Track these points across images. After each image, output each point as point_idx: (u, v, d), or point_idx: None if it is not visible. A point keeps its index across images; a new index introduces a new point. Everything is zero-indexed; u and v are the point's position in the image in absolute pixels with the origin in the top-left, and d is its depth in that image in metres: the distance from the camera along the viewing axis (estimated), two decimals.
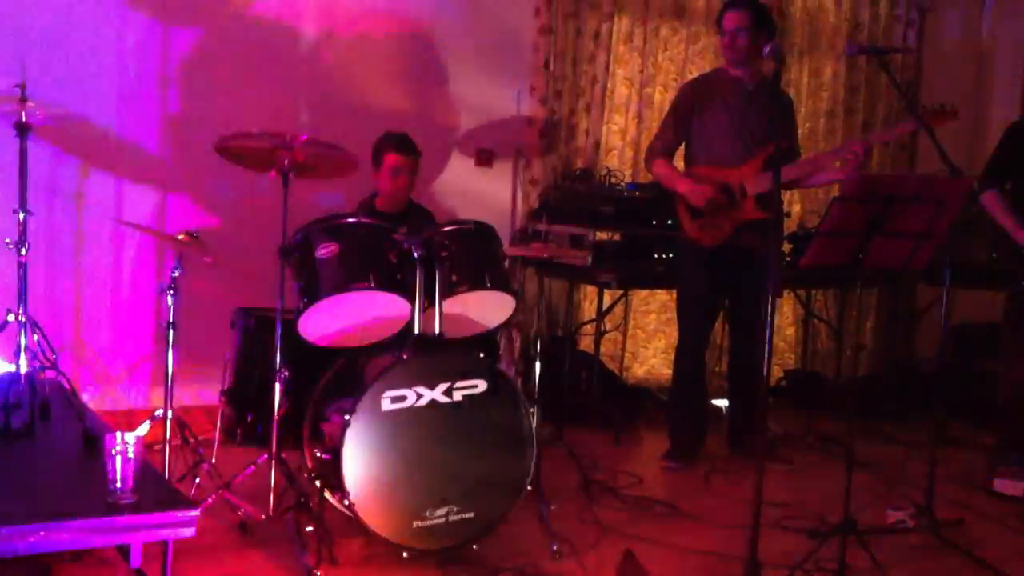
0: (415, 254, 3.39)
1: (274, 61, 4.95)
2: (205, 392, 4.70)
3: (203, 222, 4.78)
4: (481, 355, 3.53)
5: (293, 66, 5.01)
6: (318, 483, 3.33)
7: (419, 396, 3.25)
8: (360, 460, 3.18)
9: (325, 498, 3.34)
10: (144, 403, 4.74)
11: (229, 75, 4.84)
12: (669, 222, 5.24)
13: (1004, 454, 4.70)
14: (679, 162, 4.79)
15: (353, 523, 3.26)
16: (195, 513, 2.57)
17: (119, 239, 4.69)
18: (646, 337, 6.20)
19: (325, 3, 5.05)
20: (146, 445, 2.67)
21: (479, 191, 5.55)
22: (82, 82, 4.50)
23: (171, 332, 3.56)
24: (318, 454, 3.41)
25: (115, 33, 4.59)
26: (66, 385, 3.59)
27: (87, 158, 4.58)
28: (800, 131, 5.77)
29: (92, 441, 3.12)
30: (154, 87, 4.70)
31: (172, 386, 3.59)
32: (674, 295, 5.16)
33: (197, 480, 3.64)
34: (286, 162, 3.52)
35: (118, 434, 2.53)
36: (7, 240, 3.56)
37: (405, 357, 3.30)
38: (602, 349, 5.52)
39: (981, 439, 5.22)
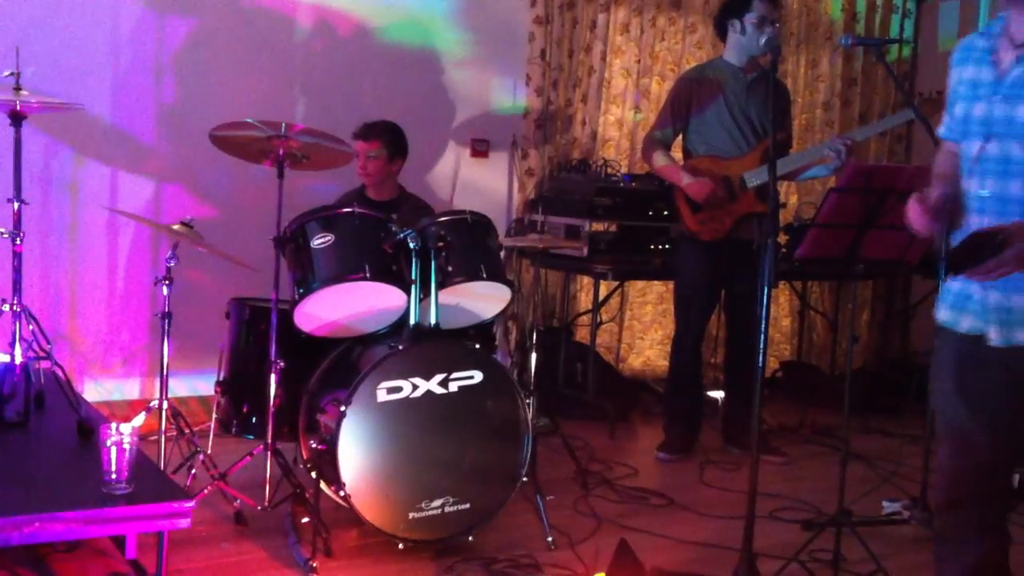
0: (411, 244, 3.38)
1: (269, 51, 4.94)
2: (200, 383, 4.70)
3: (198, 212, 4.77)
4: (477, 346, 3.53)
5: (289, 56, 5.00)
6: (313, 474, 3.33)
7: (415, 387, 3.25)
8: (356, 451, 3.18)
9: (321, 489, 3.34)
10: (139, 393, 4.74)
11: (225, 65, 4.83)
12: (665, 213, 5.25)
13: None
14: (676, 152, 4.79)
15: (349, 514, 3.27)
16: (190, 504, 2.56)
17: (114, 229, 4.68)
18: (642, 328, 6.20)
19: None
20: (141, 436, 2.66)
21: (475, 182, 5.54)
22: (76, 71, 4.48)
23: (166, 322, 3.56)
24: (314, 445, 3.40)
25: (109, 21, 4.57)
26: (61, 375, 3.58)
27: (82, 147, 4.57)
28: (796, 122, 5.77)
29: (87, 432, 3.11)
30: (149, 76, 4.69)
31: (167, 377, 3.59)
32: (670, 286, 5.16)
33: (192, 471, 3.63)
34: (281, 152, 3.52)
35: (113, 425, 2.53)
36: (1, 230, 3.54)
37: (401, 348, 3.30)
38: (598, 340, 5.52)
39: None
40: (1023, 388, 2.25)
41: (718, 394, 5.17)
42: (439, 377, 3.28)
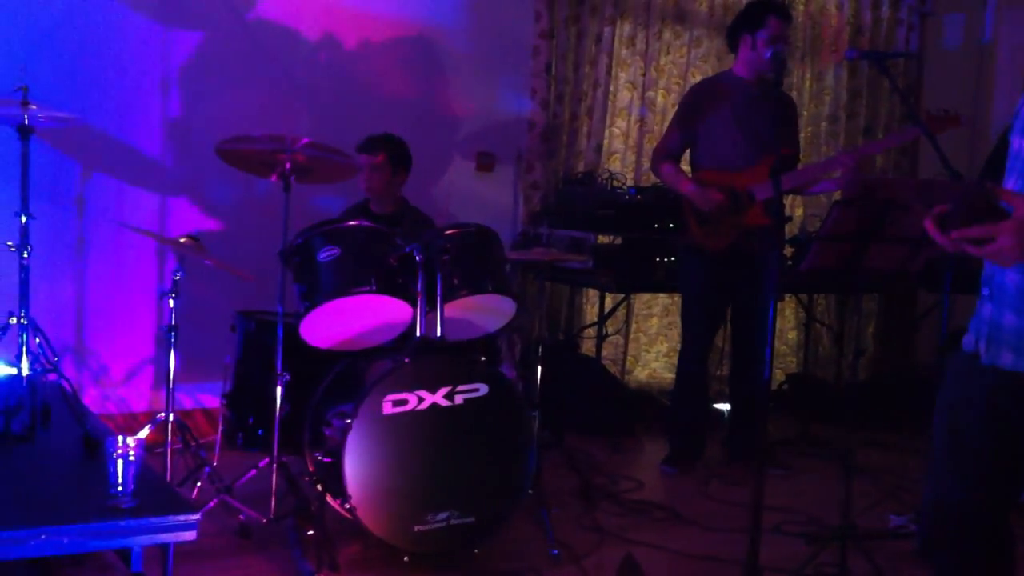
0: (417, 258, 3.39)
1: (275, 64, 4.95)
2: (206, 396, 4.71)
3: (204, 225, 4.79)
4: (482, 359, 3.53)
5: (294, 70, 5.01)
6: (319, 487, 3.33)
7: (420, 400, 3.25)
8: (361, 464, 3.18)
9: (326, 502, 3.34)
10: (145, 406, 4.74)
11: (230, 78, 4.85)
12: (671, 226, 5.25)
13: None
14: (684, 166, 4.79)
15: (353, 527, 3.27)
16: (196, 517, 2.56)
17: (121, 242, 4.69)
18: (648, 341, 6.19)
19: (327, 7, 5.06)
20: (147, 448, 2.67)
21: (480, 195, 5.54)
22: (84, 85, 4.50)
23: (172, 335, 3.57)
24: (319, 458, 3.41)
25: (116, 36, 4.59)
26: (67, 388, 3.59)
27: (89, 161, 4.59)
28: (802, 135, 5.77)
29: (93, 444, 3.11)
30: (155, 90, 4.71)
31: (173, 389, 3.60)
32: (676, 299, 5.15)
33: (198, 484, 3.64)
34: (287, 165, 3.53)
35: (119, 437, 2.54)
36: (9, 243, 3.56)
37: (406, 361, 3.30)
38: (604, 353, 5.52)
39: None
40: (1001, 419, 2.03)
41: (724, 407, 5.16)
42: (445, 390, 3.29)
